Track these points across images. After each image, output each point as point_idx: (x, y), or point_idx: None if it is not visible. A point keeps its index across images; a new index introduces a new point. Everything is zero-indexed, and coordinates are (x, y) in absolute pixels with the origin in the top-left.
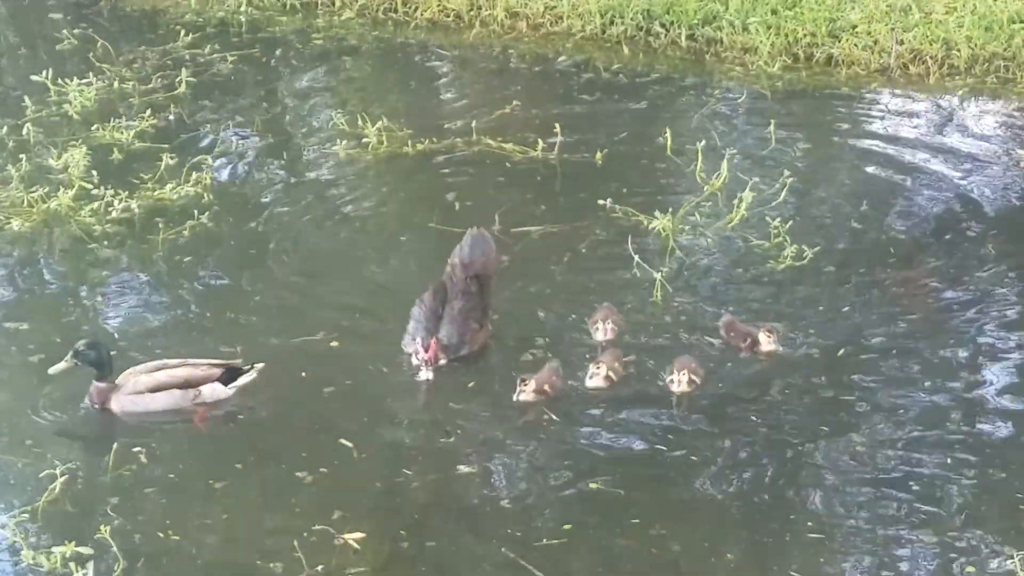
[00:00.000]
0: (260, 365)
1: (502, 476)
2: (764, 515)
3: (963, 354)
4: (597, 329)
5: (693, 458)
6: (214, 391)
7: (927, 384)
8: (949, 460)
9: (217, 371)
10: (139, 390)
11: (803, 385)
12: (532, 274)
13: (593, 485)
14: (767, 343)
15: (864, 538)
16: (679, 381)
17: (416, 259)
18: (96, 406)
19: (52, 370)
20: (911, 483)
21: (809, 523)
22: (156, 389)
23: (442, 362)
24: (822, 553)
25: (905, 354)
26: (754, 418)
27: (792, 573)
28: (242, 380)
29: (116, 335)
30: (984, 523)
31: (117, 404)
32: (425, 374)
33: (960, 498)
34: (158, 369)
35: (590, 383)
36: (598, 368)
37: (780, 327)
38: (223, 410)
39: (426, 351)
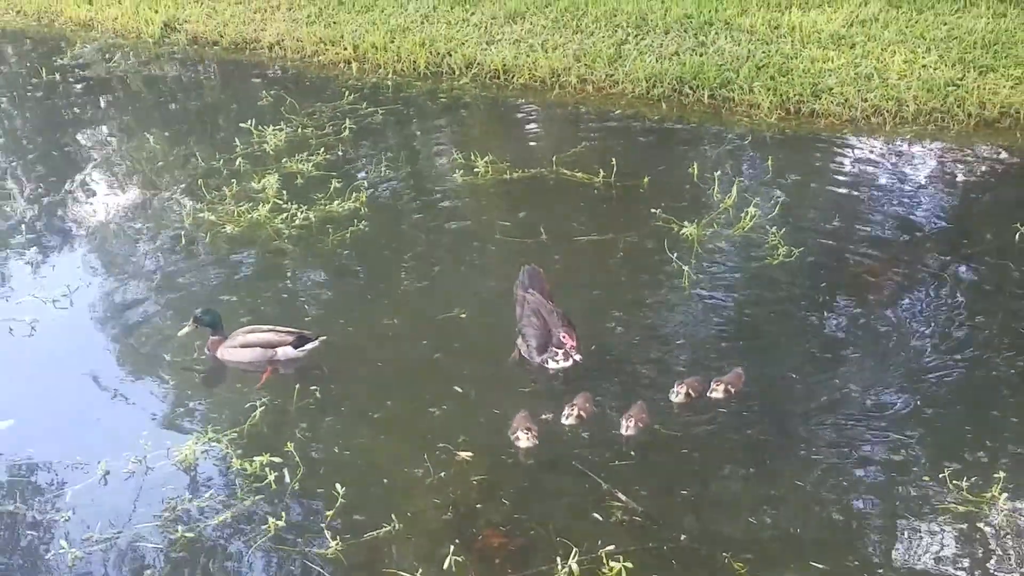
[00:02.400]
0: (324, 337)
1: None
2: (761, 446)
3: (916, 321)
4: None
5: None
6: (286, 352)
7: (891, 343)
8: (903, 400)
9: (290, 338)
10: (234, 345)
11: (794, 332)
12: (589, 269)
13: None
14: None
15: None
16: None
17: (509, 254)
18: (209, 354)
19: (180, 332)
20: (873, 413)
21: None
22: (245, 346)
23: (578, 357)
24: (815, 467)
25: (871, 320)
26: (753, 355)
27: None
28: (309, 346)
29: (300, 307)
30: (931, 447)
31: (221, 354)
32: (566, 362)
33: (914, 429)
34: (252, 332)
35: (565, 422)
36: (572, 409)
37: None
38: (294, 368)
39: (572, 340)
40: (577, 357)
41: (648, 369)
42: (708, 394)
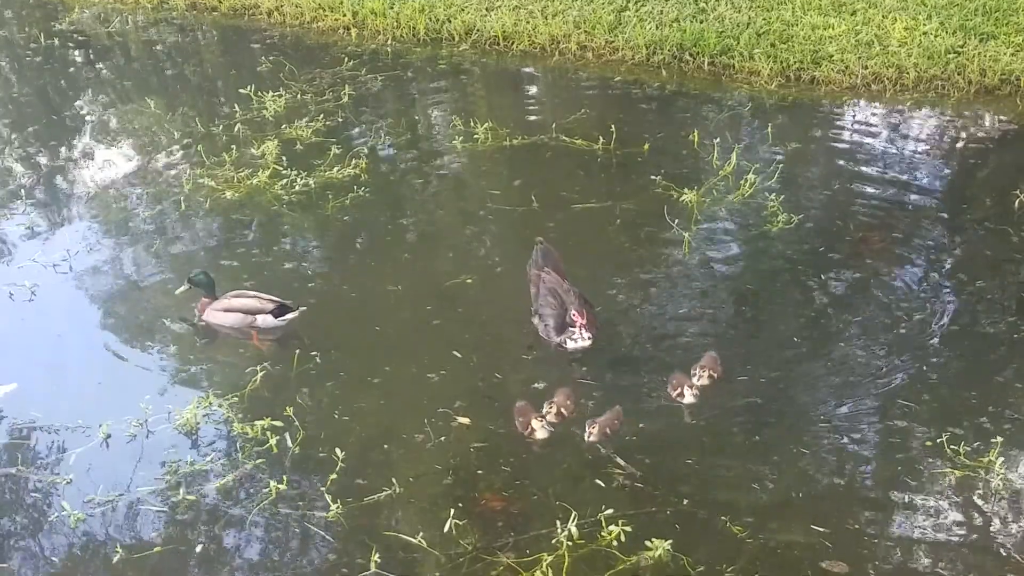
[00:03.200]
0: (303, 308)
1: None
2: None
3: (917, 287)
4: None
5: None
6: (265, 320)
7: (891, 309)
8: (903, 365)
9: (271, 306)
10: (218, 309)
11: (793, 299)
12: (589, 236)
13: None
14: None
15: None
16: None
17: (511, 221)
18: (198, 315)
19: (176, 292)
20: (873, 379)
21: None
22: (228, 310)
23: (587, 336)
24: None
25: (871, 286)
26: (752, 321)
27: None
28: (288, 316)
29: (300, 272)
30: (931, 413)
31: (207, 316)
32: (583, 341)
33: (915, 395)
34: (238, 297)
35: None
36: (551, 407)
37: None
38: (277, 336)
39: (582, 318)
40: (587, 336)
41: (646, 338)
42: (695, 381)
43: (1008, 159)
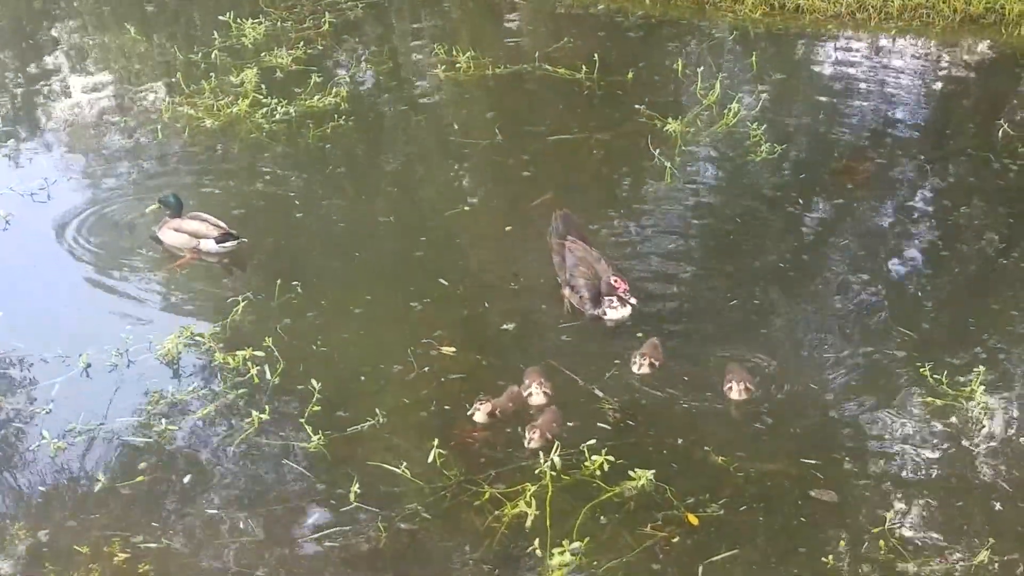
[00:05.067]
0: (244, 240)
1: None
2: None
3: (901, 214)
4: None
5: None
6: (207, 244)
7: (876, 236)
8: (887, 292)
9: (215, 232)
10: (170, 227)
11: (778, 228)
12: (575, 166)
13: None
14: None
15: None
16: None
17: (490, 151)
18: (156, 232)
19: (147, 209)
20: (856, 306)
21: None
22: (178, 230)
23: (633, 302)
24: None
25: (856, 214)
26: (737, 250)
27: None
28: (230, 244)
29: (279, 198)
30: (915, 340)
31: (161, 231)
32: (624, 309)
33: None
34: (193, 219)
35: (528, 446)
36: (533, 433)
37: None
38: (217, 260)
39: (623, 283)
40: (632, 301)
41: (626, 270)
42: (635, 370)
43: (991, 88)
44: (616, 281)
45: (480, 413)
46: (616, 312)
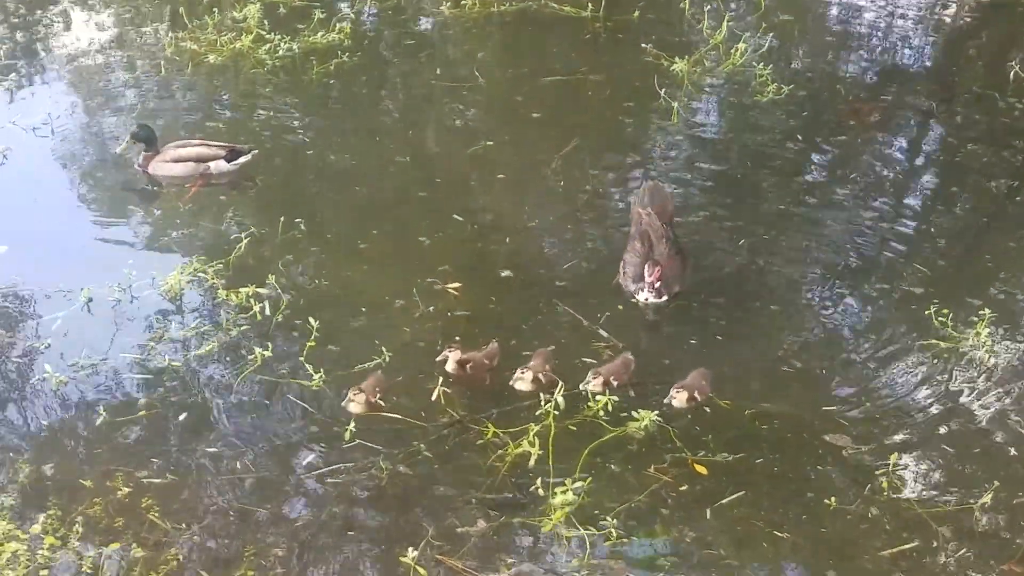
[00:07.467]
0: (255, 150)
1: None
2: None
3: (910, 153)
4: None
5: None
6: (219, 166)
7: (884, 176)
8: (893, 233)
9: (223, 152)
10: (166, 159)
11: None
12: (582, 105)
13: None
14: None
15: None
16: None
17: (496, 90)
18: (141, 169)
19: (118, 149)
20: (861, 248)
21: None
22: (178, 160)
23: (664, 299)
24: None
25: (863, 154)
26: (745, 192)
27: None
28: (242, 159)
29: (281, 130)
30: (922, 282)
31: (152, 168)
32: (653, 299)
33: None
34: (183, 146)
35: (518, 386)
36: (524, 373)
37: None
38: (227, 181)
39: (653, 275)
40: (664, 296)
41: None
42: (583, 386)
43: (999, 30)
44: (648, 270)
45: (450, 361)
46: (647, 298)
